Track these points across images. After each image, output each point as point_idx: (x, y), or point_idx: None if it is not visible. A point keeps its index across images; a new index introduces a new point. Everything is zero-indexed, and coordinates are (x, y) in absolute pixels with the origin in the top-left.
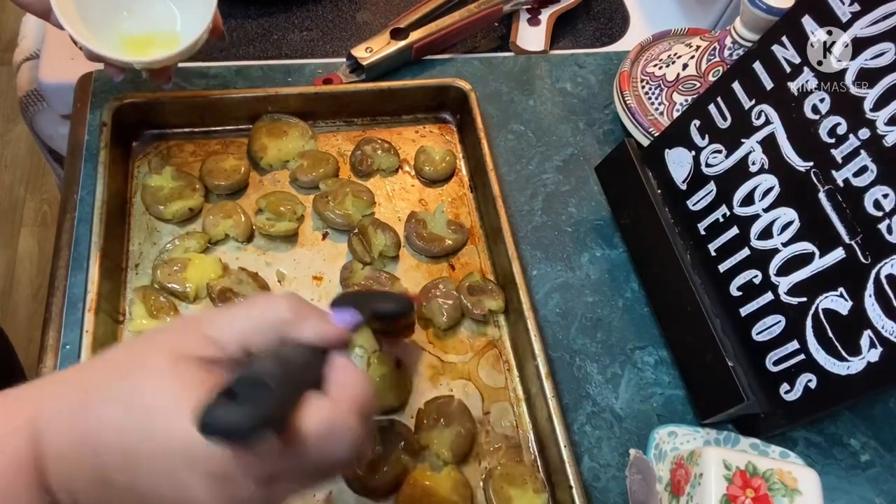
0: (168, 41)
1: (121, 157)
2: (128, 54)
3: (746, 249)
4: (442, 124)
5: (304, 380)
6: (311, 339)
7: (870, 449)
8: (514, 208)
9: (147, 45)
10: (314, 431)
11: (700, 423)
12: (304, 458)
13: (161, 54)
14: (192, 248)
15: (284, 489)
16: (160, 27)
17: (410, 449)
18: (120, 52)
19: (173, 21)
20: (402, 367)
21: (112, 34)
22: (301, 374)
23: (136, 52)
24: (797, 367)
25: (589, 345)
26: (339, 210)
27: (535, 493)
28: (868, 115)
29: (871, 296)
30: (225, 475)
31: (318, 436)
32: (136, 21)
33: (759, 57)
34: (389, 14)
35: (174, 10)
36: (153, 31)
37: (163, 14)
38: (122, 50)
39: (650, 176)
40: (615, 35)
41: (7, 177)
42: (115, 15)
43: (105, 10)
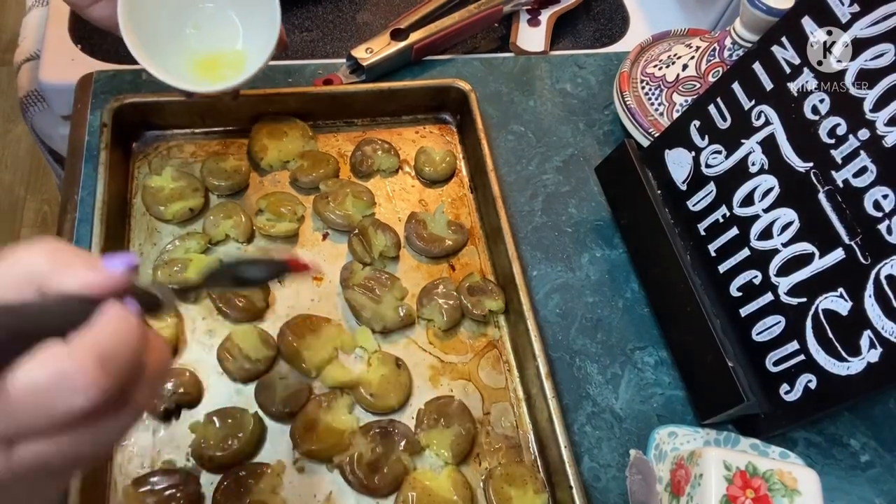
0: (234, 60)
1: (121, 158)
2: (197, 76)
3: (746, 250)
4: (442, 125)
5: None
6: (74, 289)
7: (870, 449)
8: (514, 209)
9: (214, 65)
10: (25, 380)
11: (700, 424)
12: (25, 412)
13: (230, 81)
14: (192, 249)
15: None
16: (225, 44)
17: (411, 449)
18: (189, 75)
19: (237, 37)
20: (402, 368)
21: (181, 54)
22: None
23: (204, 74)
24: (797, 368)
25: (589, 345)
26: (340, 210)
27: (535, 493)
28: (868, 116)
29: (870, 296)
30: None
31: (30, 385)
32: (202, 37)
33: (758, 57)
34: (390, 15)
35: (238, 25)
36: (219, 51)
37: (227, 30)
38: (192, 72)
39: (650, 176)
40: (615, 36)
41: (7, 177)
42: (182, 31)
43: (172, 27)
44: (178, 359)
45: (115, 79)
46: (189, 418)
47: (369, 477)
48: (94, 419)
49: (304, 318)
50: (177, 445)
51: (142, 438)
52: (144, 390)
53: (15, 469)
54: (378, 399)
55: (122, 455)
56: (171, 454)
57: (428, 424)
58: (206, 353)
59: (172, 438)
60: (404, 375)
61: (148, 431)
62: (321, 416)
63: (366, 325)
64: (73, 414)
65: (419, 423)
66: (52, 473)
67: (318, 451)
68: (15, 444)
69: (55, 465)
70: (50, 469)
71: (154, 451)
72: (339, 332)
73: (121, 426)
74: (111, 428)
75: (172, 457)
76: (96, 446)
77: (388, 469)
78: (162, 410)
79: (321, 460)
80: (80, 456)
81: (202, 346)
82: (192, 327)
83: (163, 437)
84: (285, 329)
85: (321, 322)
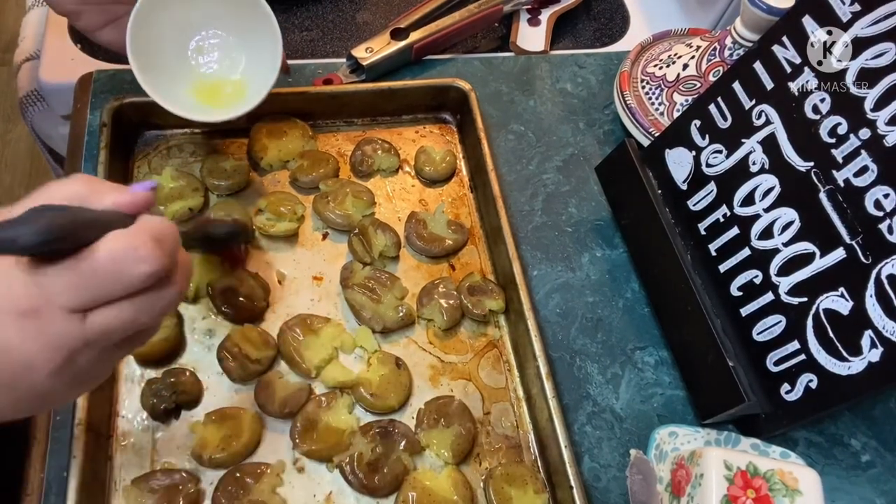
0: (236, 86)
1: (121, 158)
2: (199, 101)
3: (747, 249)
4: (442, 124)
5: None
6: (111, 206)
7: (870, 449)
8: (514, 208)
9: (216, 91)
10: (106, 248)
11: (701, 424)
12: (102, 277)
13: (234, 110)
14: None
15: (102, 323)
16: (228, 70)
17: (411, 449)
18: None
19: (239, 63)
20: (402, 367)
21: (184, 79)
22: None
23: (207, 99)
24: (798, 368)
25: (589, 345)
26: (340, 210)
27: (535, 493)
28: (868, 115)
29: (871, 296)
30: (29, 308)
31: (110, 253)
32: (206, 63)
33: (759, 57)
34: (390, 14)
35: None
36: (222, 77)
37: (230, 56)
38: (194, 96)
39: (650, 176)
40: (615, 35)
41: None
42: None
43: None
44: (177, 359)
45: (115, 78)
46: (189, 418)
47: (369, 477)
48: (151, 290)
49: (304, 318)
50: (177, 445)
51: (142, 439)
52: (182, 275)
53: (88, 335)
54: (378, 399)
55: (123, 455)
56: (171, 454)
57: (428, 424)
58: (206, 353)
59: (172, 438)
60: (404, 375)
61: (148, 432)
62: (321, 415)
63: (366, 324)
64: (140, 279)
65: (419, 422)
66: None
67: (318, 451)
68: (88, 314)
69: (118, 332)
70: (114, 336)
71: (154, 452)
72: (339, 332)
73: (167, 301)
74: (161, 300)
75: (172, 457)
76: (149, 316)
77: (389, 469)
78: (162, 410)
79: (321, 460)
80: (137, 324)
81: (202, 346)
82: (192, 327)
83: (163, 437)
84: (285, 329)
85: (321, 322)
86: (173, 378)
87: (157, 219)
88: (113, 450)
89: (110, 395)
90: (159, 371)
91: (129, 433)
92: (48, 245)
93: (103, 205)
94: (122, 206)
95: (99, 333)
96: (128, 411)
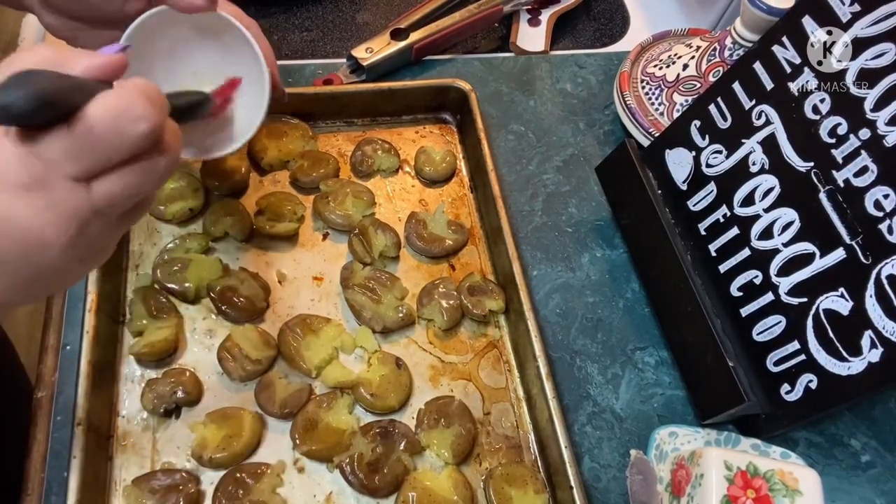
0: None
1: None
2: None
3: (747, 250)
4: (442, 125)
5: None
6: (84, 71)
7: (870, 449)
8: (514, 209)
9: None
10: (100, 110)
11: (701, 424)
12: (100, 140)
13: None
14: (192, 249)
15: (107, 190)
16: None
17: (411, 449)
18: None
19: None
20: (402, 368)
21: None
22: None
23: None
24: (798, 368)
25: (589, 345)
26: (340, 210)
27: (535, 493)
28: (868, 116)
29: (871, 296)
30: (32, 180)
31: (105, 113)
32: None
33: (759, 57)
34: (390, 14)
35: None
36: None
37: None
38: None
39: (650, 176)
40: (615, 35)
41: None
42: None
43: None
44: (178, 359)
45: None
46: (189, 418)
47: (369, 477)
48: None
49: (305, 318)
50: (177, 445)
51: (142, 438)
52: (172, 139)
53: (96, 203)
54: (378, 399)
55: (123, 455)
56: (171, 454)
57: (428, 424)
58: (206, 353)
59: (172, 438)
60: (404, 375)
61: (148, 431)
62: (321, 416)
63: (366, 324)
64: (138, 139)
65: (419, 423)
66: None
67: (318, 451)
68: (92, 183)
69: (123, 200)
70: (120, 204)
71: (154, 452)
72: (340, 332)
73: (164, 166)
74: (159, 165)
75: (172, 457)
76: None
77: (389, 469)
78: (162, 410)
79: (321, 460)
80: (141, 191)
81: (202, 346)
82: (192, 327)
83: (163, 437)
84: (285, 329)
85: (321, 322)
86: (174, 378)
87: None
88: (113, 450)
89: (110, 395)
90: (160, 371)
91: (129, 433)
92: (42, 111)
93: (76, 71)
94: (95, 69)
95: (105, 201)
96: (128, 411)
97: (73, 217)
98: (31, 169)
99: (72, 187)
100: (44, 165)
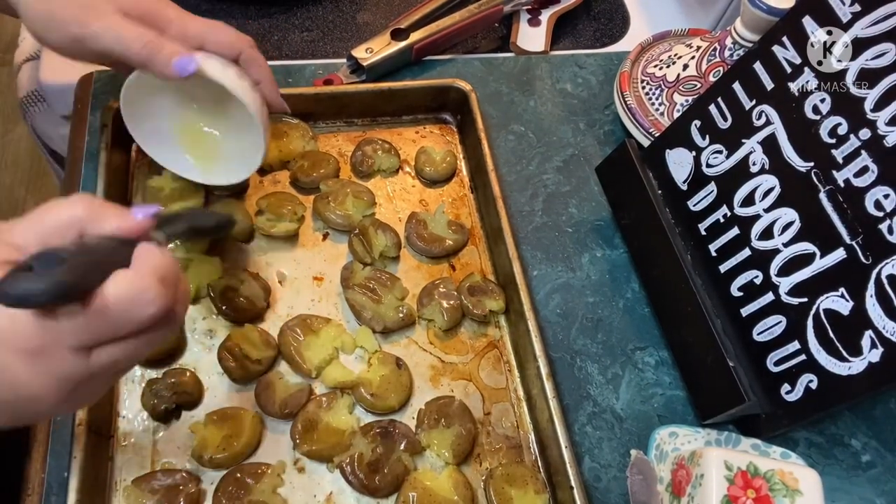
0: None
1: (121, 158)
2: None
3: (747, 250)
4: (442, 125)
5: (107, 261)
6: (112, 232)
7: (871, 449)
8: (514, 209)
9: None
10: (114, 294)
11: (701, 424)
12: (110, 321)
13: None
14: (192, 249)
15: (107, 359)
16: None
17: (411, 449)
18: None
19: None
20: (402, 368)
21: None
22: (104, 256)
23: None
24: (798, 368)
25: (590, 345)
26: (340, 210)
27: (535, 493)
28: (869, 116)
29: (871, 296)
30: (38, 348)
31: (118, 298)
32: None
33: (759, 57)
34: (390, 14)
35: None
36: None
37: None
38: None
39: (651, 176)
40: (615, 35)
41: (7, 177)
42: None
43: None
44: (178, 359)
45: (116, 79)
46: (189, 418)
47: (370, 477)
48: (154, 327)
49: (305, 318)
50: (177, 446)
51: (142, 439)
52: (181, 307)
53: (93, 370)
54: (378, 399)
55: (123, 455)
56: (171, 454)
57: (428, 424)
58: (206, 353)
59: (172, 439)
60: (405, 375)
61: (148, 432)
62: (321, 416)
63: (366, 325)
64: (147, 321)
65: (420, 423)
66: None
67: (319, 451)
68: (94, 350)
69: (119, 366)
70: (115, 369)
71: (154, 452)
72: (340, 333)
73: (167, 332)
74: (161, 335)
75: (173, 457)
76: (150, 348)
77: (389, 469)
78: (162, 410)
79: (321, 460)
80: (139, 356)
81: (202, 346)
82: (192, 327)
83: (163, 438)
84: (285, 329)
85: (321, 322)
86: (174, 378)
87: (158, 253)
88: (113, 450)
89: (111, 396)
90: (160, 371)
91: (129, 433)
92: (59, 299)
93: (104, 231)
94: (123, 232)
95: (104, 368)
96: (128, 411)
97: (69, 380)
98: (40, 339)
99: (73, 356)
100: (52, 336)
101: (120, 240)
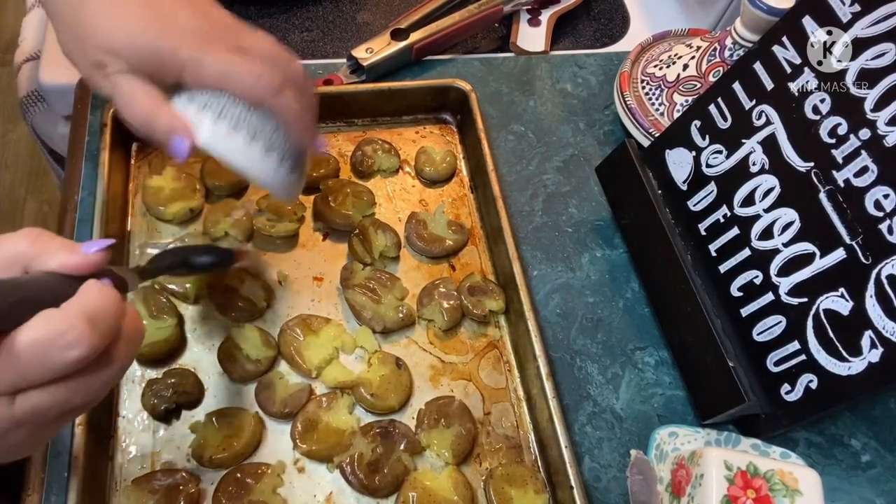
0: None
1: (121, 158)
2: None
3: (747, 250)
4: (442, 125)
5: (42, 298)
6: (56, 268)
7: (870, 449)
8: (514, 209)
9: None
10: (25, 336)
11: (701, 424)
12: (22, 365)
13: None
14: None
15: (31, 406)
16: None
17: (411, 449)
18: None
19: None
20: (402, 368)
21: None
22: (34, 294)
23: None
24: (798, 368)
25: (589, 345)
26: (340, 210)
27: (535, 493)
28: (869, 116)
29: (871, 296)
30: None
31: (30, 341)
32: None
33: (759, 57)
34: (390, 15)
35: None
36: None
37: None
38: None
39: (650, 176)
40: (615, 36)
41: (7, 177)
42: None
43: None
44: (178, 359)
45: None
46: (189, 418)
47: (370, 477)
48: (85, 371)
49: (305, 319)
50: (177, 446)
51: (142, 439)
52: (124, 349)
53: (17, 417)
54: (378, 399)
55: (123, 455)
56: (171, 454)
57: (428, 424)
58: (207, 354)
59: (173, 439)
60: (405, 375)
61: (148, 432)
62: (321, 416)
63: (366, 325)
64: (68, 366)
65: (420, 423)
66: (47, 420)
67: (319, 452)
68: (17, 396)
69: (50, 413)
70: (45, 416)
71: (154, 452)
72: (340, 332)
73: (106, 379)
74: (98, 380)
75: (173, 457)
76: (85, 396)
77: (389, 469)
78: (162, 410)
79: (321, 460)
80: (71, 405)
81: (202, 346)
82: (192, 327)
83: (163, 438)
84: (286, 329)
85: (321, 322)
86: (174, 378)
87: (97, 289)
88: (113, 450)
89: (111, 396)
90: (160, 371)
91: (129, 433)
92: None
93: (48, 266)
94: (68, 269)
95: (29, 415)
96: (128, 411)
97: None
98: None
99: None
100: None
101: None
